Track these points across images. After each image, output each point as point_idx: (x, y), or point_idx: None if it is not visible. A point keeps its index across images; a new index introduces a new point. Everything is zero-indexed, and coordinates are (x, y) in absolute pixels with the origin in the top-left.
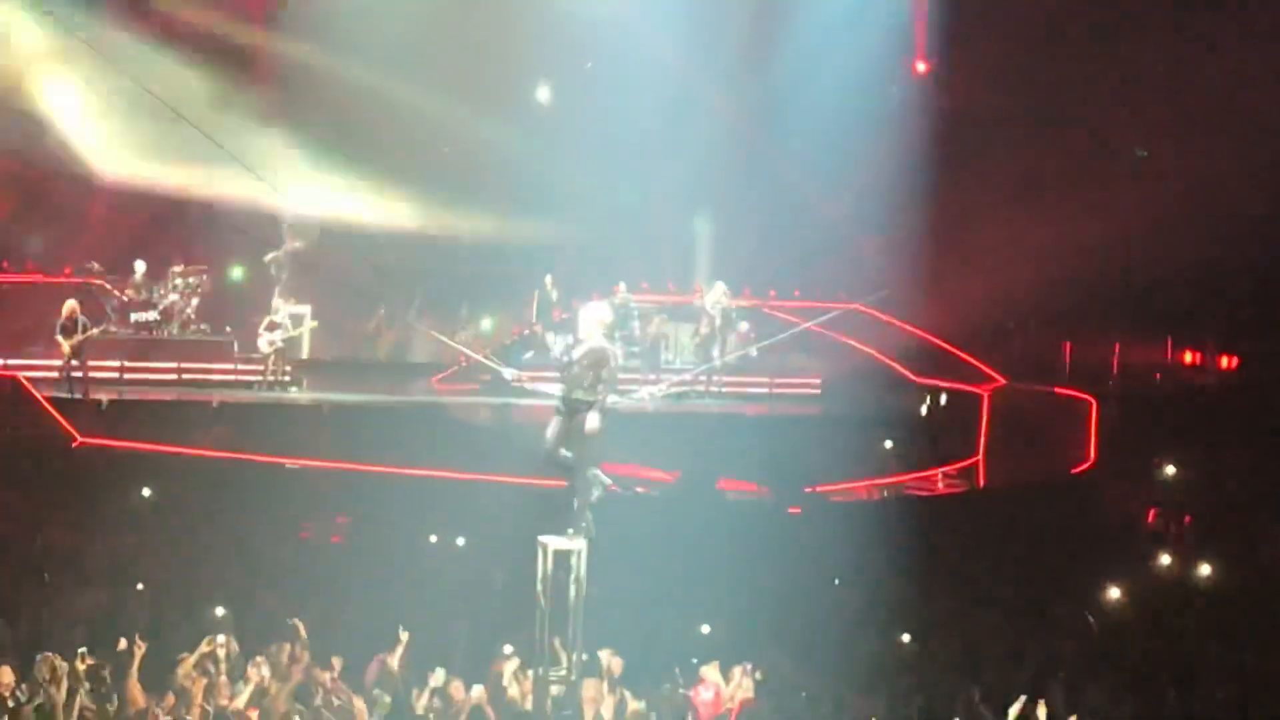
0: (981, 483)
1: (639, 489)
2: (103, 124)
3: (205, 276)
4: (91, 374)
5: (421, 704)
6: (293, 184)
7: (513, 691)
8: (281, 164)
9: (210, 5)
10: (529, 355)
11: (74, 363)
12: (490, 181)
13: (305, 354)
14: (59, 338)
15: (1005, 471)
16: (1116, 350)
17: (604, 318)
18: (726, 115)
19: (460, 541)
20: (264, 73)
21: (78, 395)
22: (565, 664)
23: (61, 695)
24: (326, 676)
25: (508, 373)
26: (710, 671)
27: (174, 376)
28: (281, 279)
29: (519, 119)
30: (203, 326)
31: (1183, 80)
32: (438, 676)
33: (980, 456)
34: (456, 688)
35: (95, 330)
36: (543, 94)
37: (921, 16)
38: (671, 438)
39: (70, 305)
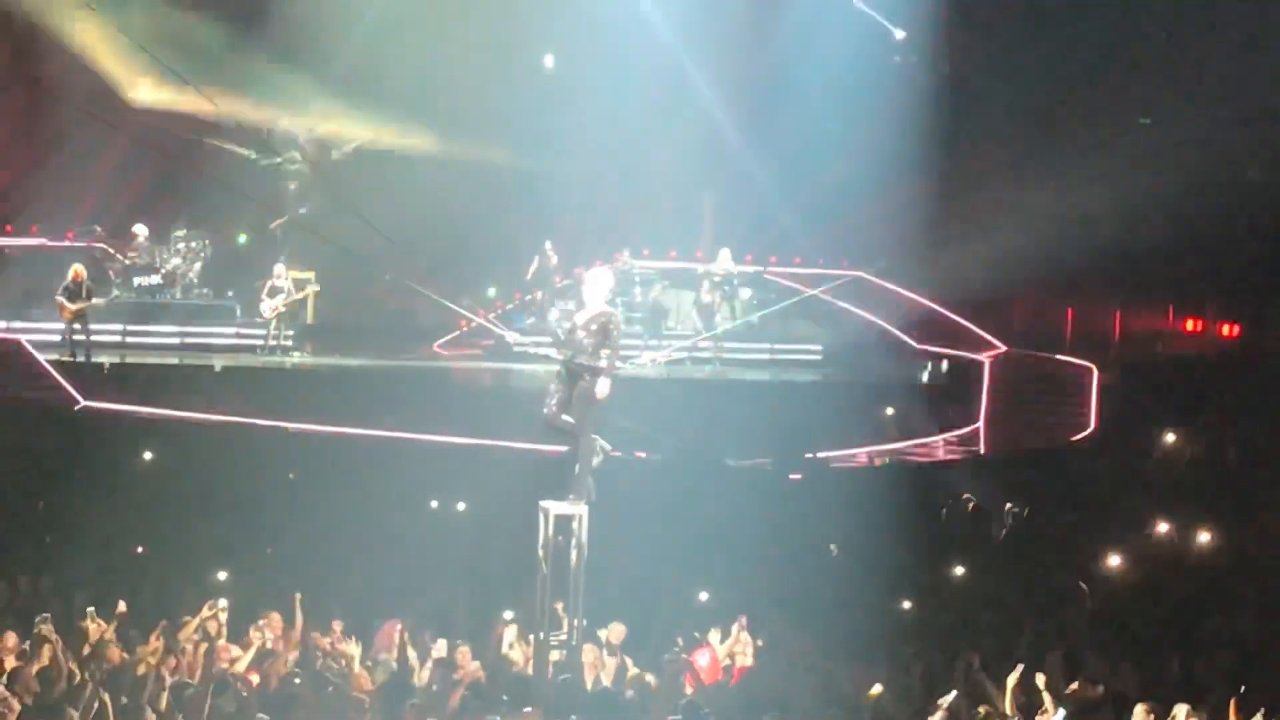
0: (983, 450)
1: (639, 454)
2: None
3: (207, 241)
4: (94, 338)
5: (425, 672)
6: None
7: (514, 656)
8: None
9: None
10: (530, 320)
11: (76, 326)
12: (493, 148)
13: (310, 319)
14: (62, 300)
15: (1006, 439)
16: (1118, 318)
17: (607, 284)
18: (729, 81)
19: (461, 506)
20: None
21: (80, 359)
22: (566, 629)
23: (62, 659)
24: (327, 641)
25: (511, 336)
26: (710, 637)
27: (176, 341)
28: (286, 246)
29: (525, 83)
30: (205, 291)
31: (1186, 47)
32: (440, 648)
33: (981, 424)
34: (464, 654)
35: (100, 301)
36: (548, 60)
37: None
38: (672, 404)
39: (76, 269)
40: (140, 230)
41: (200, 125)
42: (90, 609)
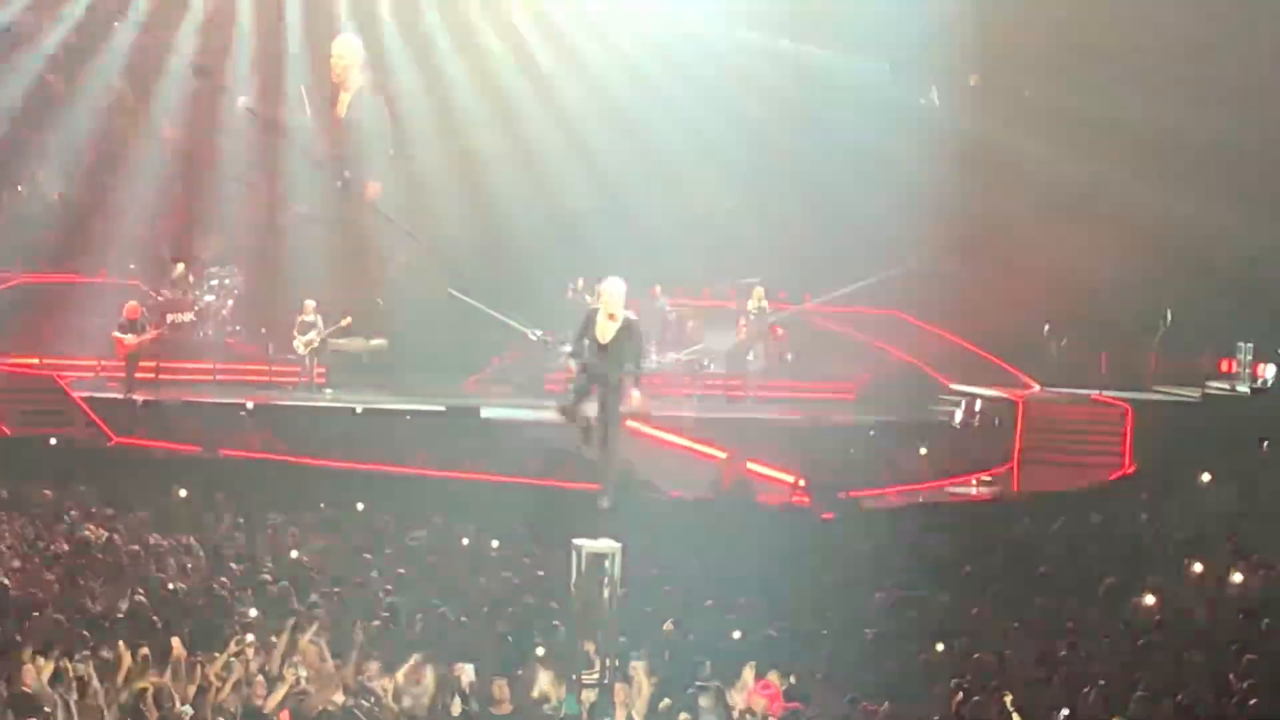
0: (1016, 489)
1: (674, 493)
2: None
3: (241, 277)
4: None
5: (456, 707)
6: None
7: (546, 693)
8: None
9: None
10: (567, 348)
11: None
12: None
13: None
14: (120, 336)
15: (1040, 478)
16: (1153, 358)
17: (623, 291)
18: (764, 122)
19: (495, 544)
20: None
21: (136, 396)
22: (598, 666)
23: (94, 694)
24: (361, 677)
25: (534, 335)
26: (745, 673)
27: (210, 377)
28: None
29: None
30: (237, 327)
31: (1217, 87)
32: (468, 672)
33: (1015, 463)
34: (500, 687)
35: (155, 333)
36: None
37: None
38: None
39: (132, 305)
40: (176, 267)
41: None
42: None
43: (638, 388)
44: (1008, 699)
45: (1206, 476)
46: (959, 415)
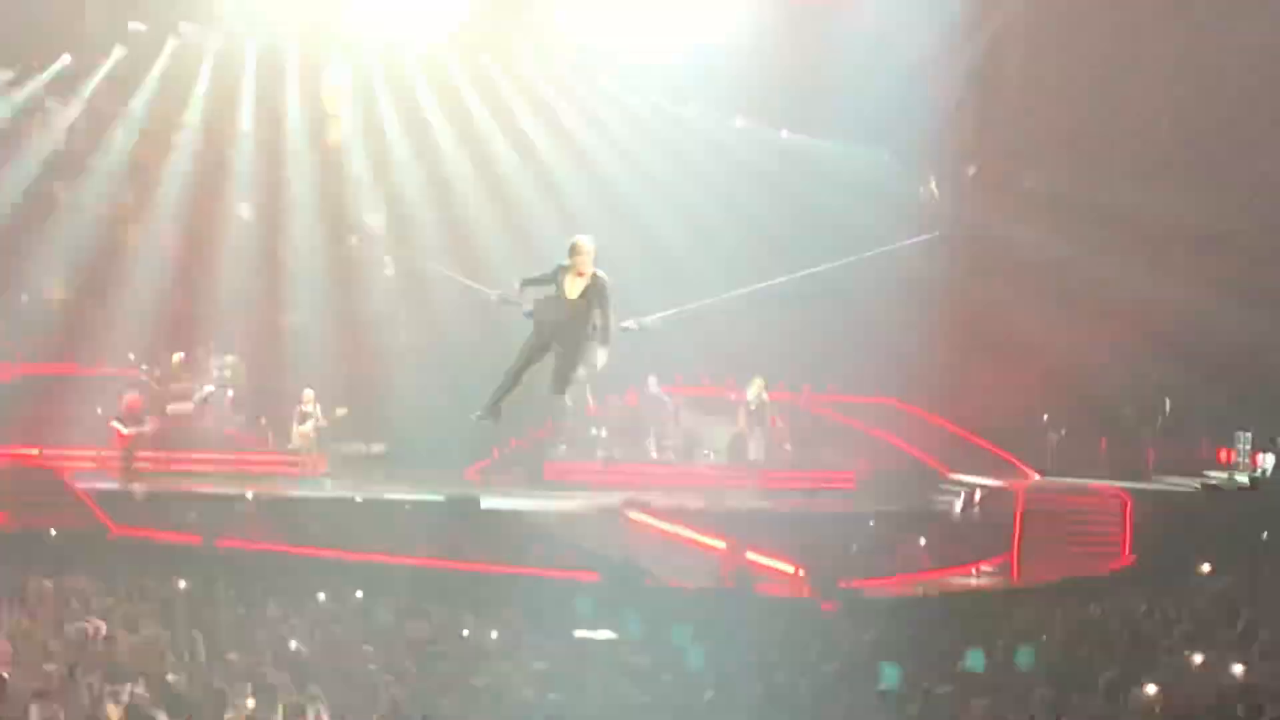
0: (1016, 579)
1: (674, 582)
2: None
3: (242, 368)
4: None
5: None
6: None
7: None
8: None
9: None
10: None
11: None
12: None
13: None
14: (118, 427)
15: (1040, 568)
16: (1152, 448)
17: (594, 248)
18: (763, 211)
19: (494, 635)
20: None
21: (135, 487)
22: None
23: None
24: None
25: (494, 295)
26: None
27: (210, 468)
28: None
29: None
30: (238, 418)
31: (1216, 176)
32: None
33: (1015, 553)
34: None
35: (152, 424)
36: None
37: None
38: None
39: (131, 397)
40: (175, 358)
41: None
42: None
43: (605, 346)
44: None
45: (1206, 566)
46: (959, 505)
